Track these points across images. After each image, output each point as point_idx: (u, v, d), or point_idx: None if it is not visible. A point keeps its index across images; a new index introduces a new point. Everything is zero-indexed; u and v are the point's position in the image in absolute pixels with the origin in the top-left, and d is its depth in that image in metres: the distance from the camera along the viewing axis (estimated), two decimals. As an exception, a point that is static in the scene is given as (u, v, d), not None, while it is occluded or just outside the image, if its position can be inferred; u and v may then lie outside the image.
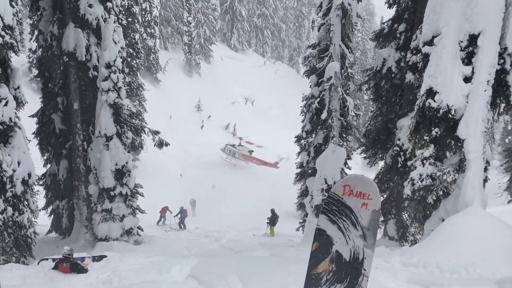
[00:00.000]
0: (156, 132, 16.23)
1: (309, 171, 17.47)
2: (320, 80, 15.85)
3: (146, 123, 22.58)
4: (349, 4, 13.49)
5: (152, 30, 35.72)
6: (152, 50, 36.58)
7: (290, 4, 66.20)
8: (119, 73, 13.41)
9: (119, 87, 13.47)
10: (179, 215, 22.02)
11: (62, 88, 14.53)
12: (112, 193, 13.43)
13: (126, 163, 13.63)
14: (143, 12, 34.21)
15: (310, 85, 17.41)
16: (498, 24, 6.75)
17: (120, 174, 13.53)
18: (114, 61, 13.21)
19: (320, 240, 2.34)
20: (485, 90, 6.60)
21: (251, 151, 35.31)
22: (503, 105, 7.48)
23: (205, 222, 22.08)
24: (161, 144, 16.43)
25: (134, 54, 27.06)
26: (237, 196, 25.76)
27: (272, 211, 19.52)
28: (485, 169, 7.25)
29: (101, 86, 13.28)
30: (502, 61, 6.98)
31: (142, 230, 14.69)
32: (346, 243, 2.40)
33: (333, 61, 14.21)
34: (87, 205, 14.51)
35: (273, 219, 19.47)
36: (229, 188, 27.32)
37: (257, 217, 21.17)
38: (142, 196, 14.76)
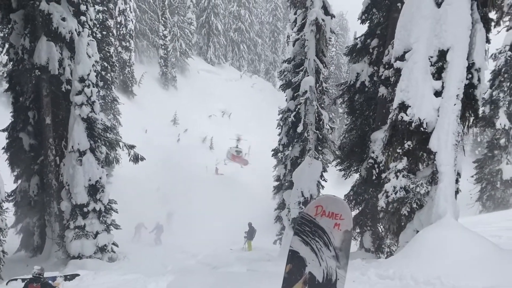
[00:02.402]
0: (131, 146, 16.01)
1: (286, 184, 17.53)
2: (295, 94, 16.03)
3: (120, 137, 22.27)
4: (323, 20, 13.74)
5: (127, 43, 35.45)
6: (127, 64, 36.26)
7: (266, 19, 66.99)
8: (93, 87, 13.24)
9: (93, 101, 13.28)
10: (155, 231, 21.66)
11: (34, 102, 14.22)
12: (85, 209, 13.13)
13: (100, 178, 13.37)
14: (118, 26, 33.97)
15: (286, 99, 17.58)
16: (465, 41, 6.99)
17: (94, 189, 13.26)
18: (88, 75, 13.04)
19: (293, 261, 2.33)
20: (454, 104, 6.79)
21: (238, 151, 36.55)
22: (472, 118, 7.72)
23: (182, 237, 21.76)
24: (136, 158, 16.20)
25: (109, 67, 26.81)
26: (214, 210, 25.54)
27: (250, 225, 19.44)
28: (457, 181, 7.42)
29: (74, 100, 13.05)
30: (470, 76, 7.22)
31: (117, 246, 14.37)
32: (319, 264, 2.39)
33: (308, 75, 14.40)
34: (59, 222, 14.13)
35: (250, 233, 19.38)
36: (206, 202, 27.06)
37: (234, 231, 21.01)
38: (116, 212, 14.47)
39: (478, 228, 11.63)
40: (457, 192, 7.52)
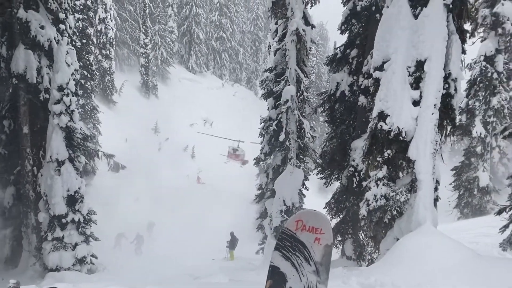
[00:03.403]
0: (110, 156, 15.81)
1: (268, 192, 17.55)
2: (277, 103, 16.12)
3: (100, 146, 21.98)
4: (304, 30, 13.90)
5: (108, 51, 35.12)
6: (108, 72, 35.89)
7: (247, 29, 67.36)
8: (72, 95, 13.04)
9: (72, 110, 13.08)
10: (135, 241, 21.35)
11: (10, 111, 13.92)
12: (63, 221, 12.86)
13: (79, 188, 13.14)
14: (98, 34, 33.64)
15: (268, 108, 17.66)
16: (442, 51, 7.17)
17: (73, 200, 13.01)
18: (67, 83, 12.85)
19: (273, 277, 2.32)
20: (432, 113, 6.94)
21: (235, 150, 36.99)
22: (449, 127, 7.89)
23: (163, 247, 21.49)
24: (116, 167, 15.99)
25: (89, 76, 26.50)
26: (196, 220, 25.32)
27: (232, 234, 19.35)
28: (436, 189, 7.55)
29: (52, 109, 12.83)
30: (447, 85, 7.40)
31: (96, 258, 14.09)
32: (300, 280, 2.38)
33: (289, 84, 14.51)
34: (37, 234, 13.78)
35: (232, 243, 19.28)
36: (187, 211, 26.82)
37: (216, 240, 20.86)
38: (95, 223, 14.22)
39: (456, 234, 11.83)
40: (436, 199, 7.65)
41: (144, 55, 42.53)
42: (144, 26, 42.44)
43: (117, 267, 15.54)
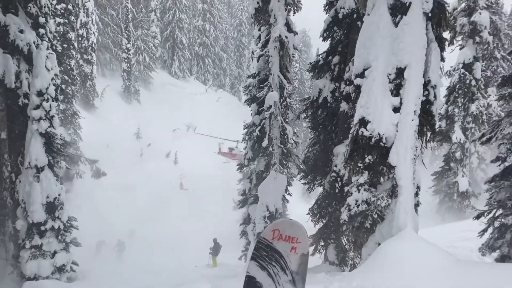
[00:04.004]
0: (93, 161, 15.59)
1: (251, 198, 17.52)
2: (260, 109, 16.17)
3: (81, 152, 21.66)
4: (286, 37, 14.00)
5: (89, 56, 34.75)
6: (89, 77, 35.50)
7: (231, 34, 67.50)
8: (52, 101, 12.82)
9: (52, 115, 12.85)
10: (116, 248, 21.04)
11: (-12, 116, 13.59)
12: (42, 228, 12.58)
13: (59, 195, 12.89)
14: (80, 38, 33.28)
15: (251, 113, 17.68)
16: (421, 59, 7.30)
17: (52, 207, 12.75)
18: (47, 88, 12.63)
19: (249, 287, 2.30)
20: (412, 120, 7.04)
21: (231, 149, 37.30)
22: (429, 133, 8.02)
23: (145, 254, 21.23)
24: (98, 173, 15.77)
25: (70, 80, 26.17)
26: (178, 226, 25.13)
27: (215, 240, 19.25)
28: (416, 194, 7.65)
29: (32, 114, 12.58)
30: (426, 92, 7.52)
31: (77, 265, 13.83)
32: (276, 290, 2.37)
33: (272, 90, 14.56)
34: (14, 242, 13.44)
35: (215, 249, 19.18)
36: (170, 218, 26.60)
37: (199, 247, 20.71)
38: (77, 229, 13.97)
39: (437, 239, 11.99)
40: (417, 204, 7.75)
41: (126, 60, 42.20)
42: (126, 31, 42.14)
43: (97, 275, 15.28)
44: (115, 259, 20.66)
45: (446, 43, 8.50)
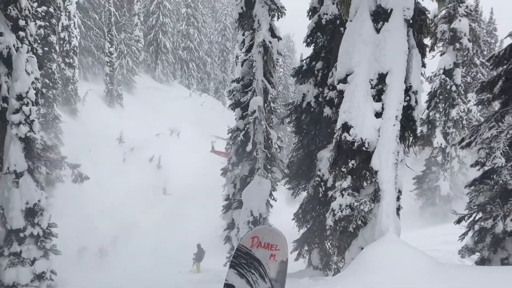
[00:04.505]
0: (75, 166, 15.35)
1: (235, 203, 17.47)
2: (244, 114, 16.17)
3: (62, 157, 21.31)
4: (270, 42, 14.07)
5: (71, 60, 34.27)
6: (71, 81, 35.00)
7: (215, 39, 67.44)
8: (32, 105, 12.60)
9: (32, 120, 12.62)
10: (99, 254, 20.73)
11: (-35, 120, 13.28)
12: (21, 235, 12.32)
13: (39, 201, 12.64)
14: (62, 42, 32.80)
15: (236, 118, 17.66)
16: (403, 65, 7.39)
17: (32, 213, 12.49)
18: (27, 92, 12.41)
19: (228, 296, 2.28)
20: (394, 125, 7.12)
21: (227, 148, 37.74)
22: (411, 138, 8.13)
23: (128, 260, 20.98)
24: (79, 178, 15.54)
25: (51, 84, 25.79)
26: (162, 232, 24.92)
27: (198, 246, 19.13)
28: (398, 198, 7.72)
29: (11, 119, 12.34)
30: (408, 98, 7.62)
31: (55, 274, 13.56)
32: (255, 297, 2.34)
33: (256, 95, 14.60)
34: (-8, 249, 13.13)
35: (199, 255, 19.05)
36: (153, 223, 26.37)
37: (182, 252, 20.55)
38: (56, 236, 13.71)
39: (419, 243, 12.14)
40: (399, 208, 7.83)
41: (109, 64, 41.75)
42: (109, 35, 41.72)
43: (79, 282, 15.02)
44: (97, 265, 20.34)
45: (427, 49, 8.64)
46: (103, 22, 43.54)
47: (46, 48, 24.63)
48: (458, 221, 8.88)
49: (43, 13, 24.56)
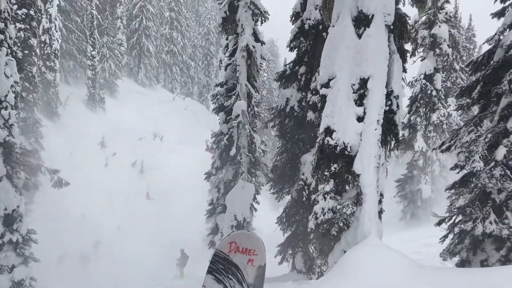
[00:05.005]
0: (54, 171, 15.09)
1: (219, 207, 17.41)
2: (228, 118, 16.16)
3: (43, 161, 20.95)
4: (254, 47, 14.11)
5: (52, 63, 33.80)
6: (52, 84, 34.48)
7: (199, 43, 67.34)
8: (12, 109, 12.38)
9: (11, 124, 12.40)
10: (80, 261, 20.38)
11: None
12: (0, 241, 12.05)
13: (18, 207, 12.39)
14: (42, 45, 32.34)
15: (219, 122, 17.63)
16: (384, 70, 7.49)
17: (10, 219, 12.24)
18: (6, 96, 12.19)
19: (205, 302, 2.26)
20: (376, 129, 7.20)
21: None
22: (393, 141, 8.23)
23: (110, 266, 20.67)
24: (60, 183, 15.28)
25: (31, 88, 25.37)
26: (145, 237, 24.63)
27: (182, 251, 18.98)
28: (380, 201, 7.80)
29: (-11, 123, 12.10)
30: (389, 102, 7.72)
31: (35, 281, 13.28)
32: (232, 303, 2.32)
33: (240, 99, 14.61)
34: (-31, 257, 12.80)
35: (182, 260, 18.90)
36: (136, 228, 26.05)
37: (166, 258, 20.35)
38: (36, 243, 13.45)
39: (401, 245, 12.28)
40: (381, 212, 7.90)
41: (91, 68, 41.29)
42: (91, 38, 41.29)
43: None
44: (79, 272, 19.98)
45: (408, 54, 8.79)
46: (85, 25, 43.06)
47: (26, 51, 24.24)
48: (439, 224, 9.01)
49: (23, 16, 24.17)
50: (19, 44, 22.87)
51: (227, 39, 16.40)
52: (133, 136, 41.53)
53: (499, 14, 8.79)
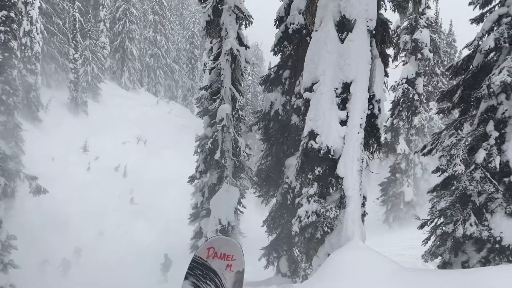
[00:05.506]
0: (33, 178, 14.82)
1: (204, 212, 17.33)
2: (212, 121, 16.11)
3: (23, 166, 20.59)
4: (238, 50, 14.12)
5: (33, 66, 33.25)
6: (33, 88, 33.91)
7: (183, 46, 67.08)
8: (-9, 112, 12.13)
9: (-10, 128, 12.15)
10: (61, 268, 20.04)
11: None
12: (-22, 248, 11.79)
13: (-3, 212, 12.15)
14: (23, 47, 31.80)
15: (204, 126, 17.58)
16: (366, 74, 7.59)
17: (-11, 225, 11.98)
18: (-15, 99, 11.94)
19: (182, 308, 2.24)
20: (358, 133, 7.28)
21: None
22: (375, 145, 8.33)
23: (92, 273, 20.37)
24: (38, 191, 15.01)
25: (11, 91, 24.86)
26: (128, 242, 24.36)
27: (165, 256, 18.83)
28: (363, 204, 7.87)
29: (-33, 127, 11.83)
30: (371, 106, 7.82)
31: (15, 288, 13.02)
32: (211, 309, 2.30)
33: (224, 103, 14.59)
34: None
35: (166, 265, 18.74)
36: (119, 234, 25.75)
37: (150, 263, 20.15)
38: (16, 249, 13.19)
39: (384, 248, 12.40)
40: (364, 215, 7.97)
41: (73, 71, 40.75)
42: (74, 41, 40.76)
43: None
44: (60, 278, 19.65)
45: (390, 59, 8.92)
46: (67, 28, 42.51)
47: (6, 54, 23.78)
48: (421, 226, 9.12)
49: (3, 18, 23.70)
50: (-2, 47, 22.42)
51: (211, 42, 16.38)
52: (116, 140, 41.11)
53: (478, 20, 8.99)
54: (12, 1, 20.16)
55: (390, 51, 9.53)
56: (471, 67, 8.94)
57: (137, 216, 31.22)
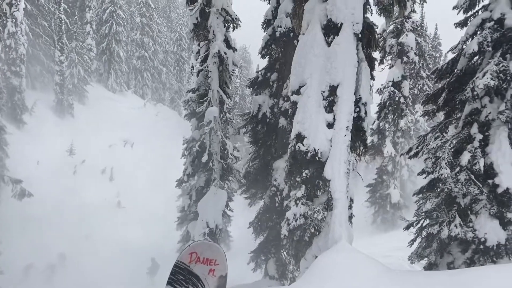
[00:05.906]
0: (17, 181, 14.61)
1: (191, 215, 17.26)
2: (200, 124, 16.10)
3: (8, 170, 20.30)
4: (225, 53, 14.12)
5: (18, 68, 32.80)
6: (18, 90, 33.44)
7: (170, 48, 66.82)
8: (-26, 115, 11.93)
9: (-27, 131, 11.94)
10: (46, 272, 19.73)
11: None
12: (-40, 254, 11.56)
13: (-20, 217, 11.93)
14: (7, 49, 31.35)
15: (191, 128, 17.53)
16: (353, 77, 7.65)
17: (-28, 230, 11.76)
18: (-32, 102, 11.75)
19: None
20: (345, 135, 7.33)
21: None
22: (362, 147, 8.40)
23: (77, 278, 20.12)
24: (22, 194, 14.79)
25: (-5, 93, 24.53)
26: (115, 246, 24.10)
27: (153, 260, 18.68)
28: (350, 207, 7.93)
29: (-51, 129, 11.62)
30: (358, 109, 7.89)
31: (-1, 294, 12.80)
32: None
33: (212, 106, 14.57)
34: None
35: (153, 269, 18.60)
36: (106, 238, 25.46)
37: (136, 267, 19.96)
38: (0, 253, 12.96)
39: (371, 249, 12.49)
40: (351, 216, 8.03)
41: (59, 73, 40.31)
42: (59, 43, 40.32)
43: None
44: (45, 283, 19.35)
45: (376, 62, 9.01)
46: (53, 29, 42.02)
47: (-10, 56, 23.47)
48: (407, 228, 9.21)
49: (-13, 19, 23.43)
50: (-18, 48, 22.11)
51: (199, 45, 16.35)
52: (102, 143, 40.72)
53: (462, 24, 9.12)
54: (-4, 2, 19.87)
55: (376, 54, 9.63)
56: (455, 70, 9.06)
57: (124, 219, 30.91)
